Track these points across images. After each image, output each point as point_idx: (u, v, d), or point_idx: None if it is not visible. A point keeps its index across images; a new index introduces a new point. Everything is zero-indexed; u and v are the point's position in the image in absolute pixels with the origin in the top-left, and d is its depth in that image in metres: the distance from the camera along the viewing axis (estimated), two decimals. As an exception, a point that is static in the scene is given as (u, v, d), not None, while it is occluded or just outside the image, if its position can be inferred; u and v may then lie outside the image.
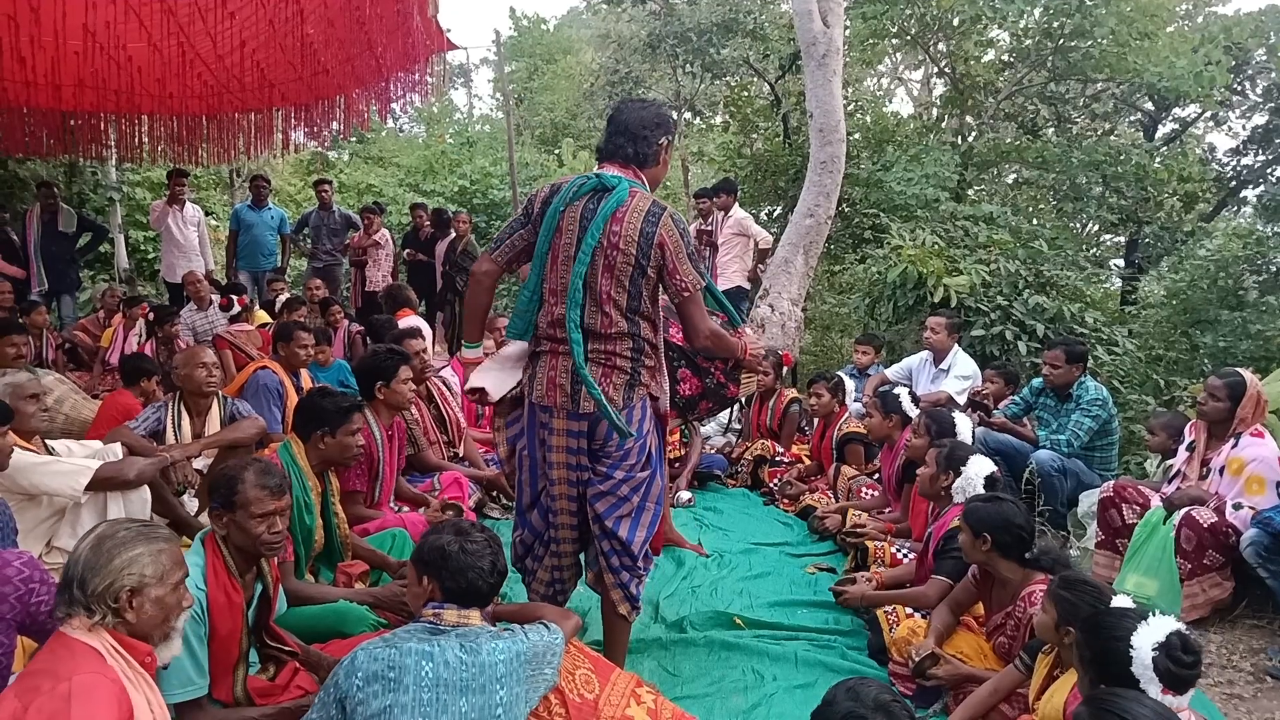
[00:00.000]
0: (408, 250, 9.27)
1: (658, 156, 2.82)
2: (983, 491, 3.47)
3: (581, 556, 3.05)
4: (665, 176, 2.98)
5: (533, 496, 2.95)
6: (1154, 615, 2.05)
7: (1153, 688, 1.98)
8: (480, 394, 2.95)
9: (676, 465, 5.49)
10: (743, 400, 6.54)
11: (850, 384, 5.79)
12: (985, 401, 5.30)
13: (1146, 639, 2.00)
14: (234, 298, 7.22)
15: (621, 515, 2.83)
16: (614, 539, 2.83)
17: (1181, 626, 2.03)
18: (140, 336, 7.14)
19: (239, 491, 2.57)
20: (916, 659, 3.02)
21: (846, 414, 5.60)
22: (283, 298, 7.89)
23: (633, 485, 2.82)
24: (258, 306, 8.05)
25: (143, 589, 1.98)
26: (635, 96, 2.77)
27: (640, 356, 2.77)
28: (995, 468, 3.56)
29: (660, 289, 2.80)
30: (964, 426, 4.12)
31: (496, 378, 2.95)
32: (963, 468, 3.52)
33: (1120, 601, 2.33)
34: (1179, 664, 1.97)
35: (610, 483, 2.80)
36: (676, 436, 5.52)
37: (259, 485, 2.59)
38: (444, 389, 5.38)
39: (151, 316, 6.98)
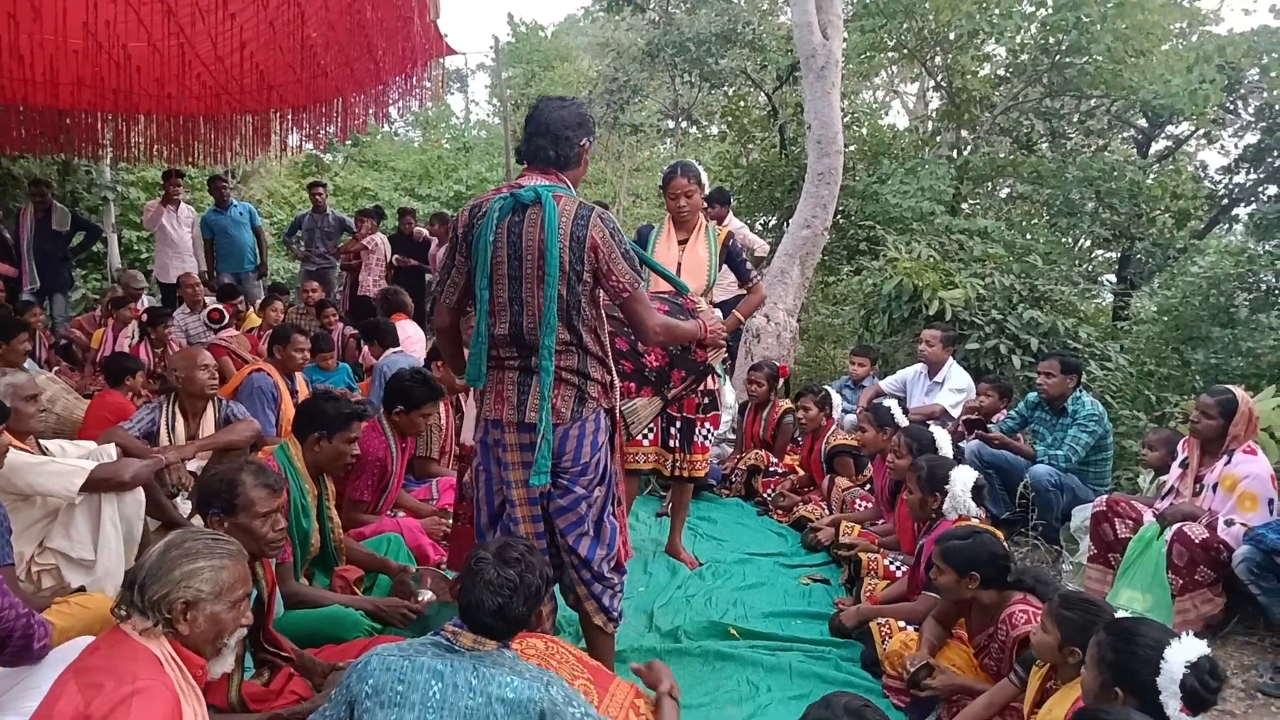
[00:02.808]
0: (396, 255, 9.25)
1: (579, 158, 2.77)
2: (972, 502, 3.48)
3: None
4: (584, 176, 2.93)
5: (491, 515, 2.87)
6: (1187, 635, 2.09)
7: (1173, 702, 2.02)
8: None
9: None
10: (734, 405, 6.55)
11: (837, 398, 5.81)
12: (980, 418, 5.32)
13: (1180, 654, 2.04)
14: (223, 309, 7.19)
15: (582, 534, 2.81)
16: (575, 555, 2.82)
17: (1210, 652, 2.08)
18: (132, 338, 7.10)
19: (240, 494, 2.56)
20: (911, 670, 3.02)
21: (833, 427, 5.61)
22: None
23: (590, 503, 2.79)
24: (252, 310, 8.04)
25: (198, 603, 1.97)
26: (554, 95, 2.79)
27: (586, 369, 2.72)
28: (978, 475, 3.57)
29: (597, 291, 2.75)
30: (943, 441, 4.12)
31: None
32: (947, 486, 3.52)
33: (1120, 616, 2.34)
34: (1205, 686, 2.01)
35: (571, 497, 2.76)
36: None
37: (259, 485, 2.59)
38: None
39: (145, 317, 6.95)
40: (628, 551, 3.10)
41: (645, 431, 4.11)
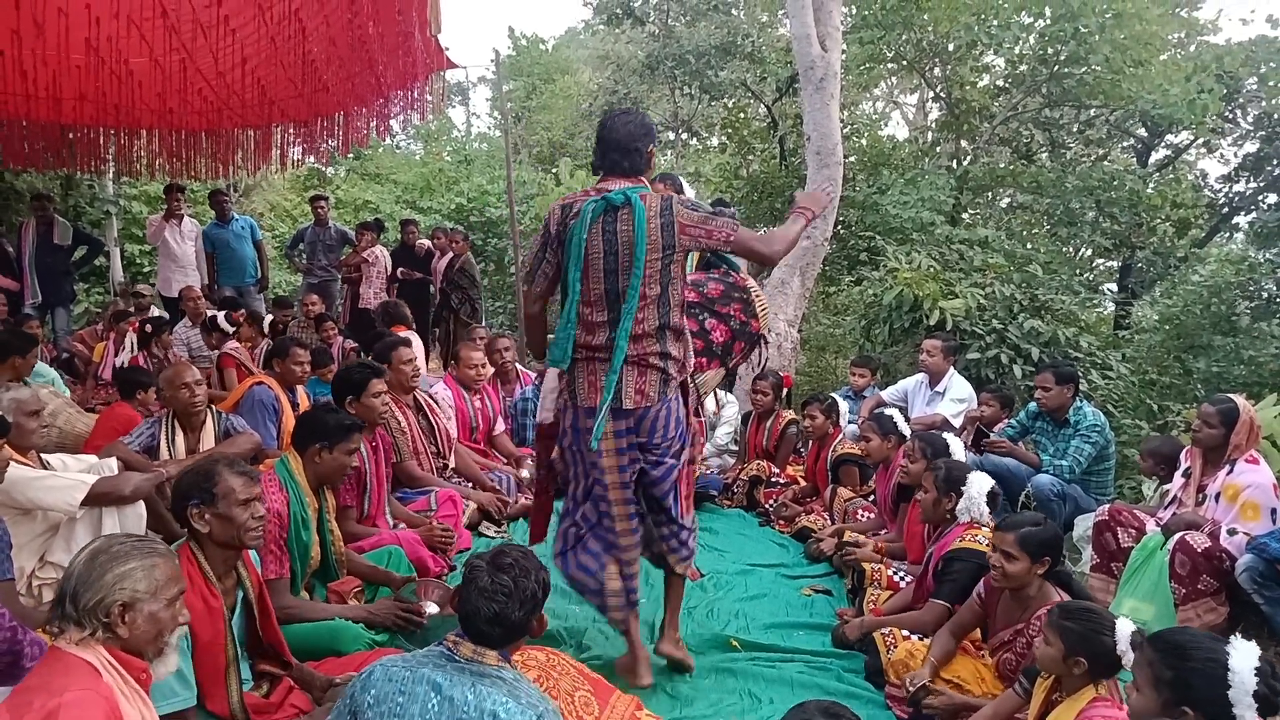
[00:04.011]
0: (401, 269, 9.27)
1: (649, 162, 3.11)
2: (986, 508, 3.47)
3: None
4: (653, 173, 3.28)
5: (585, 492, 3.20)
6: (1236, 639, 2.02)
7: (1250, 714, 1.93)
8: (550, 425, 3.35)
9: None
10: (737, 415, 6.55)
11: (845, 406, 5.79)
12: (983, 429, 5.32)
13: (1244, 662, 1.95)
14: (236, 314, 7.19)
15: (671, 494, 3.17)
16: (665, 513, 3.19)
17: (1260, 650, 2.00)
18: (130, 351, 7.12)
19: (218, 482, 2.59)
20: (912, 689, 3.01)
21: (840, 435, 5.59)
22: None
23: (678, 467, 3.17)
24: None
25: (135, 604, 1.96)
26: (618, 109, 3.12)
27: (668, 349, 3.03)
28: (994, 483, 3.56)
29: (682, 266, 3.06)
30: (956, 447, 4.12)
31: (549, 405, 3.35)
32: (963, 488, 3.52)
33: (1122, 624, 2.33)
34: (1273, 690, 1.93)
35: (664, 468, 3.12)
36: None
37: (236, 473, 2.64)
38: (432, 401, 5.38)
39: (149, 329, 6.96)
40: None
41: None
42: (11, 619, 2.38)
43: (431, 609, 3.44)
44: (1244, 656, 1.96)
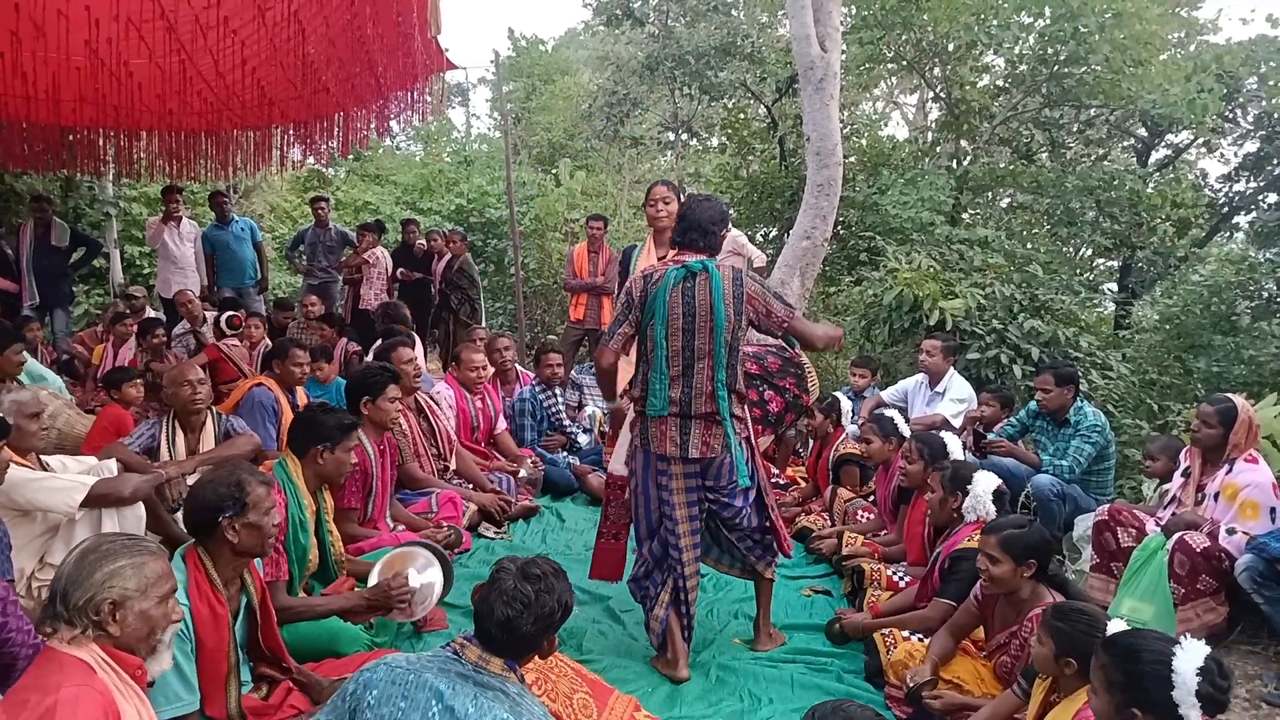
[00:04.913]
0: (401, 270, 9.27)
1: (721, 242, 3.55)
2: (993, 506, 3.47)
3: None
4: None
5: (649, 529, 3.55)
6: (1185, 639, 2.04)
7: (1194, 713, 1.96)
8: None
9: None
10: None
11: (847, 405, 5.79)
12: (980, 429, 5.32)
13: (1188, 663, 1.98)
14: (242, 314, 7.20)
15: (746, 520, 3.52)
16: (750, 531, 3.55)
17: (1210, 651, 2.02)
18: (132, 352, 7.12)
19: (250, 492, 2.62)
20: (912, 685, 3.01)
21: (843, 435, 5.59)
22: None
23: (747, 503, 3.52)
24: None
25: (125, 602, 1.97)
26: (701, 195, 3.44)
27: (731, 409, 3.36)
28: (1000, 482, 3.56)
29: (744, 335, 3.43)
30: (955, 447, 4.12)
31: (623, 457, 3.72)
32: (969, 486, 3.53)
33: (1114, 625, 2.33)
34: (1218, 689, 1.97)
35: (733, 510, 3.50)
36: None
37: (260, 482, 2.68)
38: (432, 402, 5.38)
39: (136, 330, 6.98)
40: (786, 546, 3.74)
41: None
42: (37, 636, 2.37)
43: (414, 579, 3.44)
44: (1188, 657, 1.99)
